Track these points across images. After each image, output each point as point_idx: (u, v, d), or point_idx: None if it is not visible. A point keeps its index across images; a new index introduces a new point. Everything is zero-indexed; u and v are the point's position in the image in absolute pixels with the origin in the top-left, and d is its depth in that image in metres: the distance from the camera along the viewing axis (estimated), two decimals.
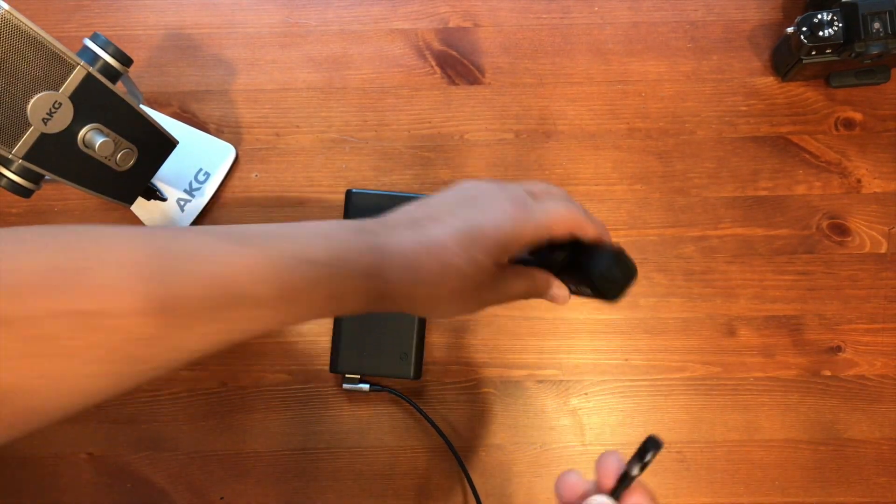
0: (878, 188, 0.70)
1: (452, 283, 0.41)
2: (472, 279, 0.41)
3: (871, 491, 0.67)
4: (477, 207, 0.42)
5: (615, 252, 0.43)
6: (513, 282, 0.44)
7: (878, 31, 0.63)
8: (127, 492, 0.67)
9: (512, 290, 0.44)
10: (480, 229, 0.41)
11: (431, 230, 0.41)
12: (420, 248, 0.41)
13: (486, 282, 0.42)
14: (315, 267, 0.38)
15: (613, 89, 0.72)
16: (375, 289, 0.40)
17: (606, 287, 0.43)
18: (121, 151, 0.57)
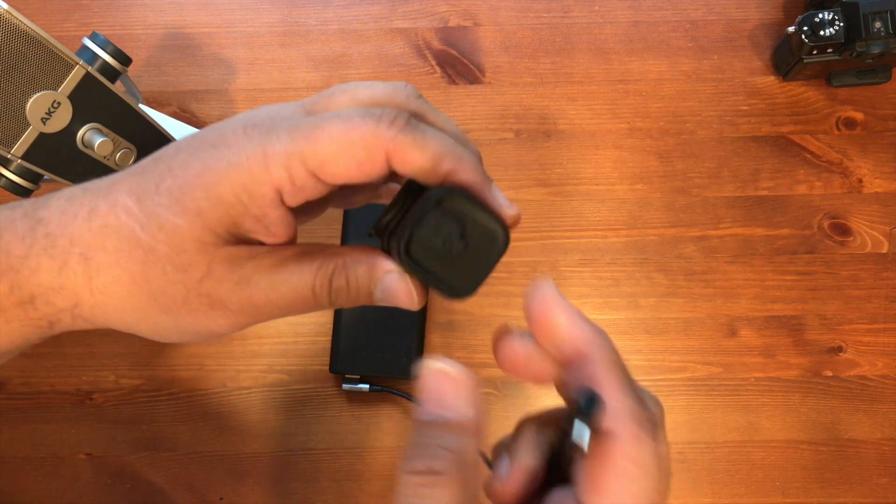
0: (879, 188, 0.70)
1: (133, 270, 0.28)
2: (173, 263, 0.28)
3: (873, 492, 0.67)
4: (199, 151, 0.28)
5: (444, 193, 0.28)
6: (281, 272, 0.29)
7: (880, 30, 0.63)
8: (126, 492, 0.67)
9: (281, 288, 0.29)
10: (184, 180, 0.27)
11: (111, 191, 0.29)
12: (86, 218, 0.29)
13: (209, 271, 0.28)
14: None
15: (614, 89, 0.72)
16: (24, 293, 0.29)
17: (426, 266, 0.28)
18: (120, 151, 0.56)
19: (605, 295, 0.69)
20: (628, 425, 0.26)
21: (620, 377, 0.27)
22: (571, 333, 0.27)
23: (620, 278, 0.69)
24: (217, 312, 0.29)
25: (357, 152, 0.27)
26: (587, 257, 0.69)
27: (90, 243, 0.28)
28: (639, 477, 0.25)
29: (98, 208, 0.29)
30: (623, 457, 0.25)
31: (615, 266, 0.69)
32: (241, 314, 0.29)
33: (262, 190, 0.27)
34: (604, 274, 0.69)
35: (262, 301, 0.29)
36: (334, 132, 0.27)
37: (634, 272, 0.69)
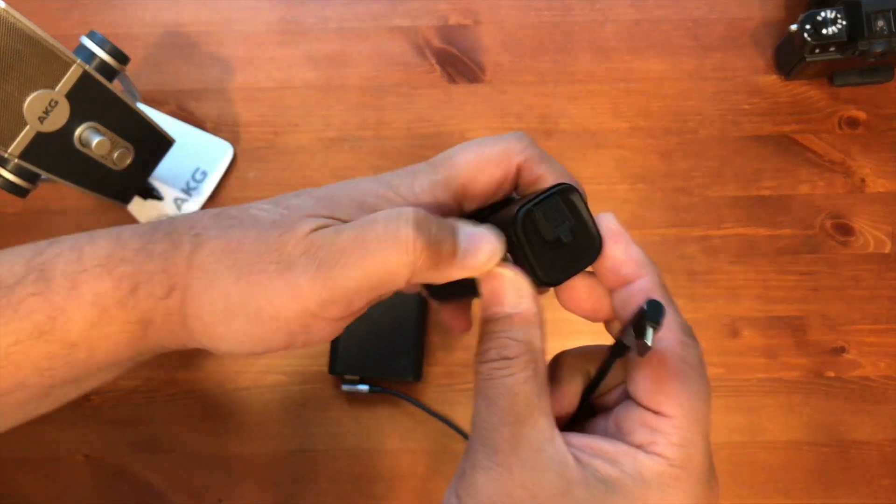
0: (881, 187, 0.70)
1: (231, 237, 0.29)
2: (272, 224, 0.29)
3: (875, 493, 0.66)
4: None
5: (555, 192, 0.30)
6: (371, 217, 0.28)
7: (882, 29, 0.62)
8: (124, 493, 0.67)
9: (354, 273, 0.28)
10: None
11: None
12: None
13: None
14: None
15: (615, 88, 0.72)
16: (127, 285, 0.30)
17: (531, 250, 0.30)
18: (117, 150, 0.56)
19: None
20: (677, 333, 0.30)
21: (666, 295, 0.30)
22: (631, 256, 0.31)
23: None
24: (280, 277, 0.28)
25: (494, 169, 0.32)
26: None
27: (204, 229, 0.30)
28: (690, 375, 0.29)
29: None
30: (676, 357, 0.29)
31: None
32: (304, 277, 0.28)
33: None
34: None
35: (327, 255, 0.28)
36: (471, 153, 0.32)
37: None
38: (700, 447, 0.28)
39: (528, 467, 0.28)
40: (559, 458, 0.28)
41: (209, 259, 0.29)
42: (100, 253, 0.30)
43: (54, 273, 0.29)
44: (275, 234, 0.28)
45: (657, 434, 0.28)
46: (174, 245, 0.30)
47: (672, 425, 0.28)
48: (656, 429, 0.28)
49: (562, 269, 0.30)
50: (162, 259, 0.29)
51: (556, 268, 0.30)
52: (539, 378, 0.29)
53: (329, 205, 0.30)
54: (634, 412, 0.30)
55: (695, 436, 0.28)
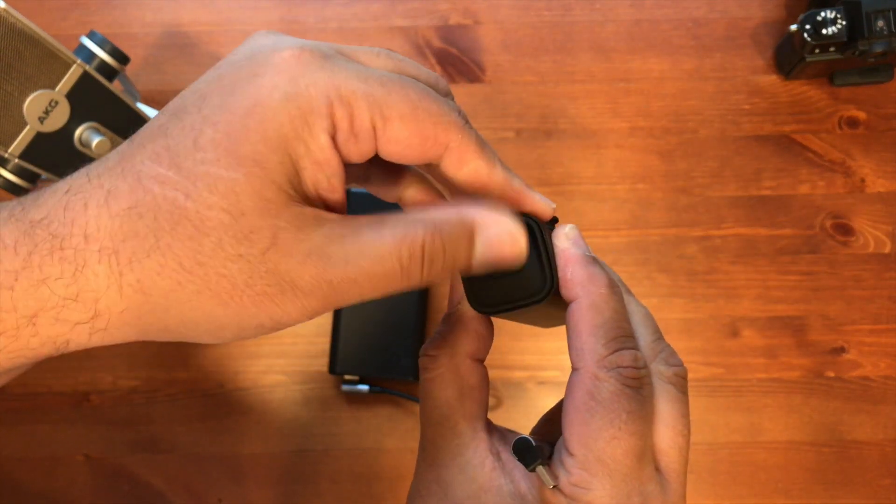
0: (882, 187, 0.70)
1: (181, 252, 0.23)
2: (231, 232, 0.22)
3: (875, 493, 0.66)
4: (238, 88, 0.23)
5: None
6: (358, 242, 0.24)
7: (882, 29, 0.62)
8: (124, 494, 0.67)
9: (361, 262, 0.24)
10: (230, 124, 0.23)
11: (128, 166, 0.23)
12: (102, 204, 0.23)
13: (275, 239, 0.23)
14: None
15: (615, 87, 0.72)
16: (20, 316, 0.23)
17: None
18: None
19: None
20: (587, 364, 0.28)
21: (595, 321, 0.28)
22: (564, 274, 0.29)
23: (622, 278, 0.68)
24: (286, 297, 0.23)
25: (426, 127, 0.25)
26: None
27: (114, 233, 0.23)
28: (597, 412, 0.27)
29: (117, 189, 0.23)
30: (583, 393, 0.27)
31: (616, 266, 0.69)
32: (313, 297, 0.24)
33: (322, 124, 0.23)
34: None
35: (338, 278, 0.23)
36: (411, 94, 0.25)
37: (636, 272, 0.69)
38: (602, 489, 0.27)
39: (444, 466, 0.29)
40: (476, 461, 0.29)
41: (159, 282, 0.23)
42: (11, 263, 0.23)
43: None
44: (253, 251, 0.23)
45: (561, 469, 0.28)
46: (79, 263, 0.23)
47: (573, 464, 0.27)
48: (562, 463, 0.28)
49: (497, 301, 0.30)
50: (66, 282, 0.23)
51: (492, 298, 0.30)
52: (460, 380, 0.30)
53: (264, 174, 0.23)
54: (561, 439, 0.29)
55: (596, 478, 0.27)
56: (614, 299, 0.29)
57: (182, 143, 0.23)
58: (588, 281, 0.29)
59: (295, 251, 0.23)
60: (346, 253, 0.24)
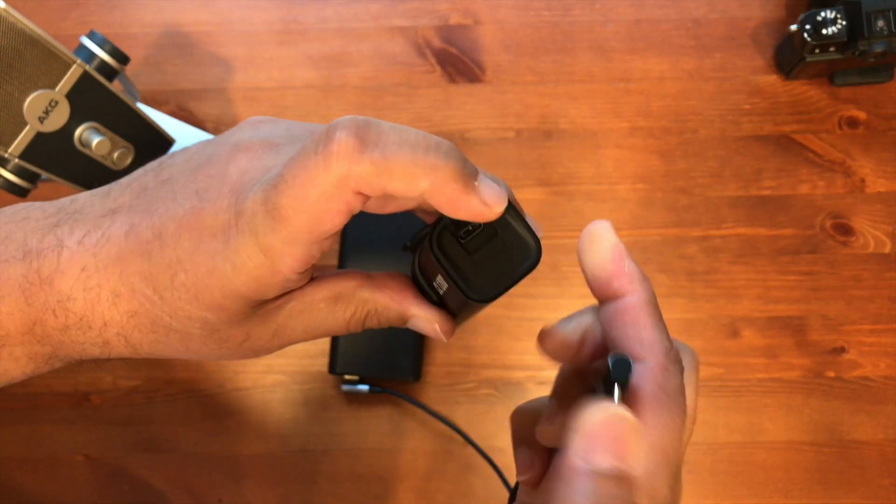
0: (882, 187, 0.70)
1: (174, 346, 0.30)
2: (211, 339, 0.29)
3: (875, 493, 0.66)
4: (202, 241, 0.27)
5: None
6: (315, 318, 0.30)
7: (882, 29, 0.62)
8: (124, 494, 0.67)
9: (317, 332, 0.30)
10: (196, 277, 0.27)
11: (125, 272, 0.28)
12: (112, 303, 0.28)
13: (248, 336, 0.29)
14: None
15: (615, 87, 0.72)
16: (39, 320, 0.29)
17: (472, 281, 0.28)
18: (117, 150, 0.56)
19: None
20: (658, 356, 0.28)
21: (655, 315, 0.29)
22: (621, 269, 0.29)
23: None
24: (259, 353, 0.31)
25: (405, 173, 0.25)
26: None
27: (124, 326, 0.29)
28: (665, 404, 0.27)
29: (120, 293, 0.28)
30: (653, 384, 0.27)
31: None
32: (277, 348, 0.31)
33: (275, 280, 0.27)
34: None
35: (298, 338, 0.30)
36: (392, 140, 0.25)
37: None
38: (662, 478, 0.26)
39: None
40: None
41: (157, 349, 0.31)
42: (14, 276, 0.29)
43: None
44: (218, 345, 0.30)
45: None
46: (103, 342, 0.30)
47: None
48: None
49: (496, 282, 0.29)
50: (70, 282, 0.29)
51: (490, 281, 0.29)
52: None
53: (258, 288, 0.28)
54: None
55: (659, 466, 0.26)
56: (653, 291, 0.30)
57: (162, 278, 0.27)
58: (642, 277, 0.29)
59: (263, 335, 0.29)
60: (305, 326, 0.30)
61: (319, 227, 0.25)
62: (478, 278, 0.28)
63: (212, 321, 0.28)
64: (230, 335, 0.29)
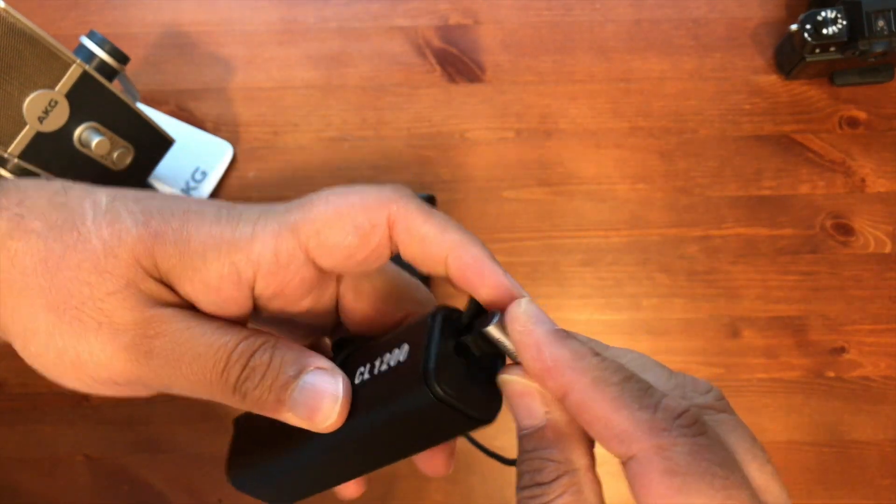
0: (882, 187, 0.70)
1: (53, 248, 0.25)
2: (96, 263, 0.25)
3: (876, 493, 0.66)
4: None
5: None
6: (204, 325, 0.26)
7: (882, 29, 0.62)
8: (124, 494, 0.67)
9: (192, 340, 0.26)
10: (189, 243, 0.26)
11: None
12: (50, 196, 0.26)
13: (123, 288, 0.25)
14: None
15: (615, 87, 0.72)
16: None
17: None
18: (117, 150, 0.56)
19: (606, 295, 0.68)
20: (645, 440, 0.22)
21: (611, 395, 0.23)
22: (546, 368, 0.24)
23: (622, 278, 0.68)
24: (103, 336, 0.25)
25: (356, 215, 0.26)
26: (589, 257, 0.69)
27: (35, 208, 0.26)
28: (688, 482, 0.21)
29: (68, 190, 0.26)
30: (654, 473, 0.21)
31: (617, 266, 0.69)
32: (129, 352, 0.25)
33: (231, 259, 0.25)
34: (605, 274, 0.68)
35: (160, 349, 0.25)
36: (332, 199, 0.26)
37: (636, 272, 0.69)
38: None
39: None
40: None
41: (26, 258, 0.25)
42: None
43: None
44: (101, 286, 0.25)
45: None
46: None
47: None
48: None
49: (494, 396, 0.26)
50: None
51: (489, 396, 0.25)
52: (585, 500, 0.23)
53: (154, 248, 0.25)
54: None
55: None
56: (610, 362, 0.24)
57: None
58: (573, 357, 0.23)
59: (135, 306, 0.25)
60: (185, 326, 0.25)
61: (329, 233, 0.26)
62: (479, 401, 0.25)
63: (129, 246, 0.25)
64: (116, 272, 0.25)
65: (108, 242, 0.25)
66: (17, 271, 0.25)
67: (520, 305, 0.24)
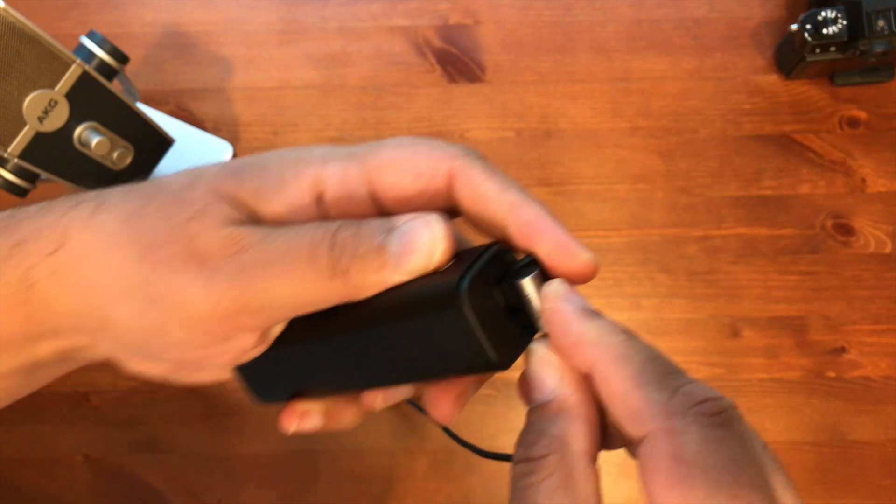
0: (882, 187, 0.70)
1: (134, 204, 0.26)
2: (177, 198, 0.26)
3: (876, 493, 0.66)
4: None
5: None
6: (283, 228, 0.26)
7: (883, 28, 0.62)
8: (124, 494, 0.67)
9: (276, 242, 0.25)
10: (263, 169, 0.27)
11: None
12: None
13: (203, 210, 0.26)
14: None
15: (615, 87, 0.72)
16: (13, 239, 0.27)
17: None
18: (117, 150, 0.56)
19: (606, 295, 0.68)
20: (655, 422, 0.21)
21: (631, 372, 0.22)
22: (572, 343, 0.24)
23: (622, 278, 0.68)
24: (192, 266, 0.25)
25: (419, 161, 0.26)
26: None
27: (113, 191, 0.28)
28: (692, 474, 0.20)
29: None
30: (660, 459, 0.21)
31: (617, 266, 0.68)
32: (221, 275, 0.25)
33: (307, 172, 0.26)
34: (605, 274, 0.68)
35: (250, 260, 0.24)
36: (401, 144, 0.27)
37: (636, 272, 0.69)
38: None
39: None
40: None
41: (111, 222, 0.26)
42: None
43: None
44: (180, 214, 0.25)
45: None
46: (77, 203, 0.27)
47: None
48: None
49: (514, 346, 0.25)
50: (58, 213, 0.27)
51: (509, 345, 0.25)
52: (574, 488, 0.22)
53: (235, 176, 0.27)
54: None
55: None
56: (637, 341, 0.23)
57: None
58: (600, 334, 0.23)
59: (216, 226, 0.25)
60: (266, 234, 0.25)
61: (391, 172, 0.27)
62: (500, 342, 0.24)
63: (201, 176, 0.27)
64: (192, 199, 0.26)
65: (185, 181, 0.26)
66: (105, 236, 0.26)
67: (552, 284, 0.24)
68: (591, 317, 0.24)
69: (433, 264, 0.25)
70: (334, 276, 0.24)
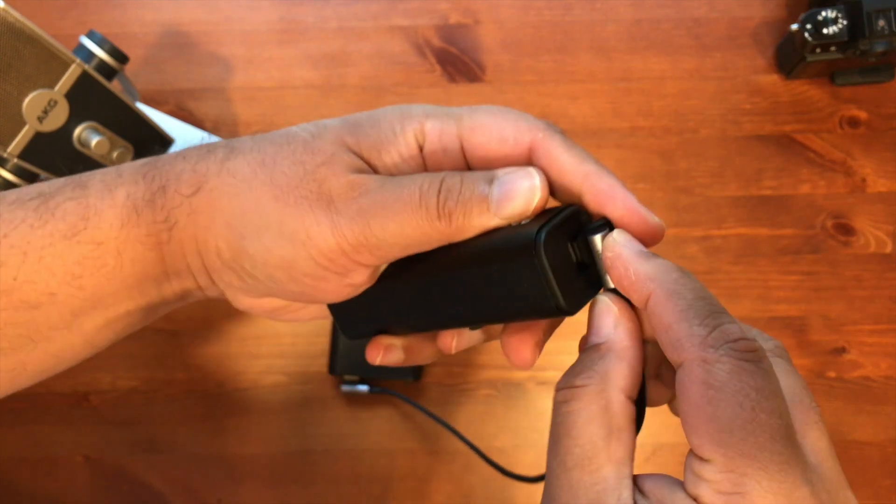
0: (882, 187, 0.70)
1: (267, 152, 0.30)
2: (306, 145, 0.30)
3: (877, 494, 0.66)
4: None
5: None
6: (396, 178, 0.29)
7: (883, 28, 0.62)
8: (124, 494, 0.67)
9: (389, 191, 0.28)
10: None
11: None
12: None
13: (332, 158, 0.29)
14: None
15: (616, 87, 0.72)
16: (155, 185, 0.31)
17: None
18: (116, 150, 0.56)
19: None
20: (692, 351, 0.24)
21: (680, 307, 0.25)
22: (631, 282, 0.27)
23: None
24: (321, 208, 0.28)
25: (507, 128, 0.30)
26: None
27: (242, 140, 0.31)
28: (722, 401, 0.23)
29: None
30: (697, 384, 0.23)
31: None
32: (345, 216, 0.28)
33: (412, 126, 0.30)
34: None
35: (369, 203, 0.28)
36: (494, 110, 0.31)
37: None
38: (761, 487, 0.22)
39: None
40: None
41: (244, 168, 0.30)
42: (137, 164, 0.31)
43: (93, 181, 0.31)
44: (312, 161, 0.29)
45: (701, 484, 0.23)
46: (208, 151, 0.31)
47: (714, 470, 0.23)
48: (700, 476, 0.23)
49: (581, 296, 0.28)
50: (193, 160, 0.30)
51: (576, 294, 0.28)
52: (610, 417, 0.25)
53: (354, 130, 0.30)
54: (690, 453, 0.25)
55: (748, 476, 0.22)
56: (691, 280, 0.26)
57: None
58: (656, 272, 0.26)
59: (342, 173, 0.29)
60: (382, 183, 0.28)
61: (481, 133, 0.31)
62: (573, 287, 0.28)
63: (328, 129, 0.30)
64: (321, 148, 0.29)
65: (313, 132, 0.30)
66: (239, 181, 0.29)
67: (612, 234, 0.27)
68: (649, 257, 0.27)
69: (530, 210, 0.28)
70: (440, 218, 0.28)
